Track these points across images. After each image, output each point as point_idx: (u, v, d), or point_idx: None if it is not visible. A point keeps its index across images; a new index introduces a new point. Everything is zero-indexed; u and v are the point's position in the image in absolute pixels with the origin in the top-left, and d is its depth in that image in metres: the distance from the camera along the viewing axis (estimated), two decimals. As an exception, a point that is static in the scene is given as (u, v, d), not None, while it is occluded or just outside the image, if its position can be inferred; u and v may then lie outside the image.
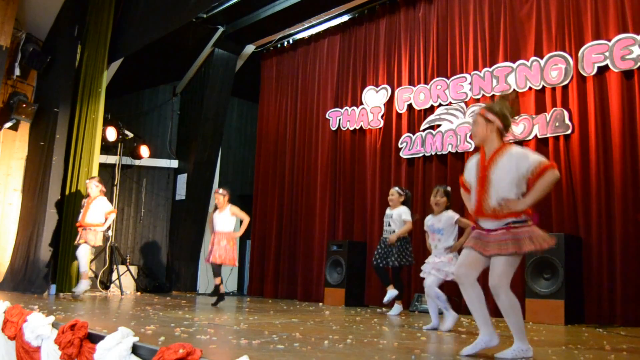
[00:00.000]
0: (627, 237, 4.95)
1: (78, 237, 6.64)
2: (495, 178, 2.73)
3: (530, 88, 5.85)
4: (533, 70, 5.82)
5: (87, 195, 6.89)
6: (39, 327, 3.22)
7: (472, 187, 2.87)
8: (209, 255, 6.13)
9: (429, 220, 4.40)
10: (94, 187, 6.75)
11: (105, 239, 8.11)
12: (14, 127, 8.20)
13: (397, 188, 5.65)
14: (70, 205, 7.46)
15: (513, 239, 2.64)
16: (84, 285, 6.43)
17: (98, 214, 6.64)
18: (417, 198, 6.67)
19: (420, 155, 6.76)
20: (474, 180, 2.85)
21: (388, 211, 5.63)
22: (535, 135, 5.71)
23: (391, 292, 5.34)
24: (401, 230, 5.41)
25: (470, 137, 2.89)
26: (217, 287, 6.19)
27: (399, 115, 7.14)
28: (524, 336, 2.64)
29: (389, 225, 5.55)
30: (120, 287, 7.67)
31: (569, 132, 5.49)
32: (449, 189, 4.44)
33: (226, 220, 6.22)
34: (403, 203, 5.56)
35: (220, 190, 6.31)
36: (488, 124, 2.79)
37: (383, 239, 5.59)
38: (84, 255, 6.55)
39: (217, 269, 6.14)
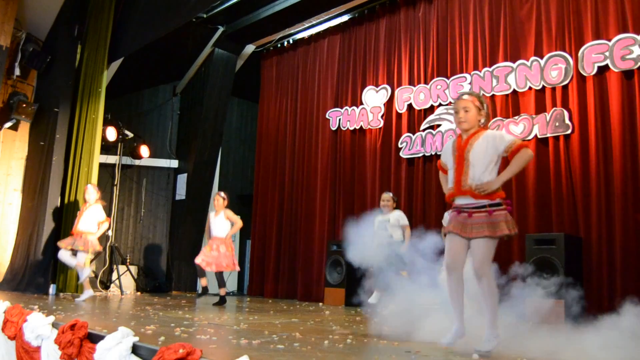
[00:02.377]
0: (627, 237, 4.95)
1: (72, 243, 6.38)
2: (473, 158, 2.90)
3: (530, 88, 5.85)
4: (533, 70, 5.82)
5: (84, 202, 6.75)
6: (39, 327, 3.22)
7: (450, 168, 3.05)
8: (202, 258, 6.07)
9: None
10: (92, 194, 6.57)
11: (106, 238, 8.12)
12: (14, 127, 8.20)
13: (390, 194, 5.66)
14: (70, 205, 7.46)
15: (489, 223, 2.79)
16: (86, 294, 6.29)
17: (91, 221, 6.47)
18: (417, 198, 6.68)
19: (420, 155, 6.77)
20: (452, 161, 3.03)
21: (381, 217, 5.57)
22: (535, 135, 5.72)
23: (377, 295, 5.30)
24: (407, 236, 5.37)
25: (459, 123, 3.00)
26: (205, 289, 6.26)
27: (399, 115, 7.14)
28: (496, 323, 2.76)
29: (386, 229, 5.49)
30: (120, 287, 7.67)
31: (569, 132, 5.49)
32: None
33: (222, 225, 6.24)
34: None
35: (222, 193, 6.35)
36: (479, 112, 2.98)
37: (383, 244, 5.46)
38: (81, 264, 6.40)
39: (201, 272, 6.15)
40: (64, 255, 6.40)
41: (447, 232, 3.00)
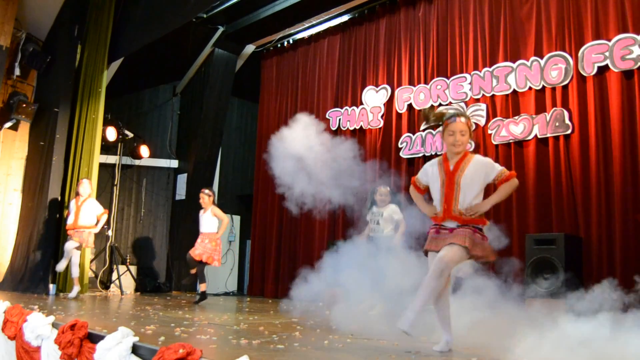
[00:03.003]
0: (627, 237, 4.94)
1: (69, 239, 6.57)
2: (464, 183, 2.94)
3: (530, 88, 5.85)
4: (533, 70, 5.82)
5: (76, 195, 6.84)
6: (39, 327, 3.22)
7: (435, 191, 3.06)
8: (199, 253, 6.23)
9: None
10: (87, 187, 6.73)
11: (106, 238, 8.13)
12: (14, 127, 8.20)
13: (388, 187, 5.64)
14: (70, 205, 7.46)
15: (470, 238, 2.84)
16: (76, 290, 6.49)
17: (90, 215, 6.61)
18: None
19: (420, 155, 6.77)
20: (438, 185, 3.03)
21: (375, 209, 5.56)
22: (535, 135, 5.71)
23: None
24: (402, 230, 5.36)
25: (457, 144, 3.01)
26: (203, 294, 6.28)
27: (399, 115, 7.14)
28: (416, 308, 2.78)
29: (378, 223, 5.47)
30: (120, 287, 7.67)
31: (569, 132, 5.49)
32: None
33: (209, 221, 6.36)
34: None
35: (206, 191, 6.44)
36: (470, 132, 3.03)
37: (372, 237, 5.42)
38: (75, 262, 6.56)
39: (192, 264, 6.25)
40: (70, 246, 6.53)
41: (427, 251, 3.03)
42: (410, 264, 4.36)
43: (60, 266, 6.66)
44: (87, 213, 6.62)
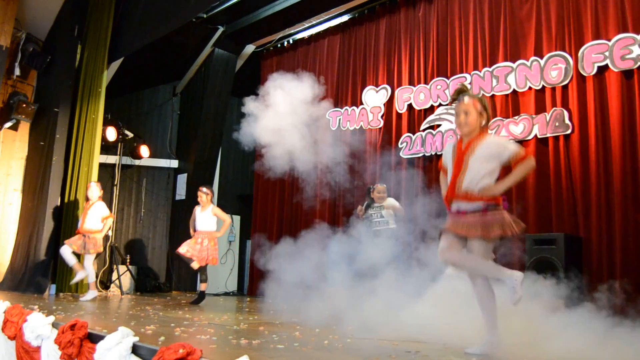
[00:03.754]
0: (627, 237, 4.94)
1: (79, 244, 6.48)
2: (473, 163, 2.87)
3: (530, 88, 5.85)
4: (533, 70, 5.82)
5: (87, 199, 6.83)
6: (39, 327, 3.22)
7: (449, 171, 3.02)
8: (187, 248, 6.13)
9: None
10: (95, 190, 6.67)
11: (106, 238, 8.12)
12: (14, 127, 8.20)
13: (384, 185, 5.74)
14: (70, 205, 7.46)
15: (482, 224, 2.77)
16: (91, 294, 6.40)
17: (96, 219, 6.58)
18: (418, 198, 6.66)
19: (420, 155, 6.77)
20: (451, 164, 3.00)
21: (376, 205, 5.71)
22: (535, 135, 5.72)
23: None
24: (403, 212, 5.52)
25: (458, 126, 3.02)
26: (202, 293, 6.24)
27: (399, 115, 7.14)
28: (494, 328, 2.75)
29: (382, 216, 5.57)
30: (120, 287, 7.67)
31: (568, 132, 5.50)
32: None
33: (207, 220, 6.30)
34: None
35: (204, 189, 6.39)
36: (480, 116, 2.93)
37: (376, 231, 5.52)
38: (89, 265, 6.51)
39: (188, 262, 6.23)
40: (66, 251, 6.44)
41: (443, 232, 2.99)
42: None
43: (78, 277, 6.49)
44: (93, 217, 6.56)
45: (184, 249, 6.12)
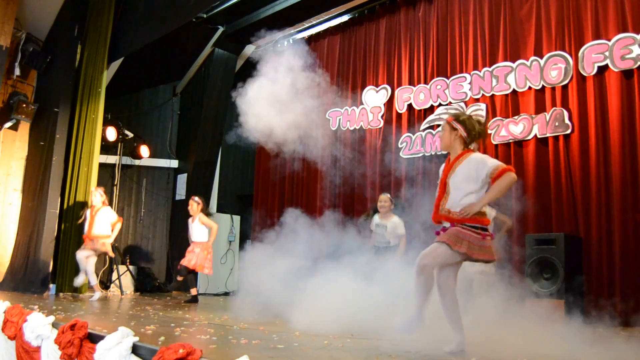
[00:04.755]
0: (627, 237, 4.95)
1: (83, 246, 6.63)
2: (453, 183, 2.90)
3: (530, 88, 5.85)
4: (533, 70, 5.82)
5: (90, 206, 6.87)
6: (39, 327, 3.22)
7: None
8: (189, 261, 6.33)
9: None
10: (98, 196, 6.76)
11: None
12: (14, 127, 8.20)
13: (388, 194, 5.61)
14: (70, 206, 7.46)
15: (455, 235, 2.79)
16: (97, 295, 6.52)
17: (104, 224, 6.65)
18: (418, 198, 6.67)
19: (420, 155, 6.77)
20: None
21: (378, 220, 5.51)
22: (535, 135, 5.72)
23: None
24: (402, 247, 5.31)
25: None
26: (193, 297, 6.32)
27: (399, 115, 7.14)
28: (458, 324, 2.80)
29: (384, 236, 5.42)
30: (120, 287, 7.67)
31: (568, 131, 5.50)
32: None
33: (198, 230, 6.45)
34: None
35: (196, 198, 6.50)
36: (452, 131, 2.98)
37: (377, 247, 5.41)
38: (91, 270, 6.59)
39: (183, 273, 6.33)
40: (81, 256, 6.56)
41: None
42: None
43: (78, 281, 6.68)
44: (101, 222, 6.64)
45: (190, 262, 6.30)
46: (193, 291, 6.33)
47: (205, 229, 6.42)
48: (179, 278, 6.41)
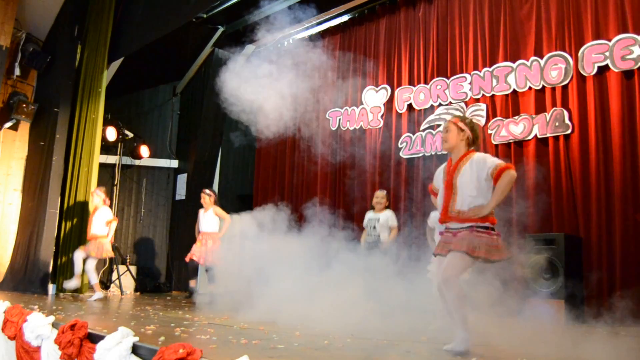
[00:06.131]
0: (627, 237, 4.94)
1: (90, 248, 6.68)
2: (460, 183, 2.93)
3: (530, 88, 5.85)
4: (533, 70, 5.82)
5: (93, 207, 6.94)
6: (39, 327, 3.22)
7: (439, 192, 3.08)
8: (191, 254, 6.30)
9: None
10: (96, 197, 6.85)
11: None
12: (14, 127, 8.20)
13: (384, 191, 5.64)
14: (71, 206, 7.46)
15: (471, 241, 2.79)
16: (97, 295, 6.52)
17: (101, 224, 6.70)
18: (417, 198, 6.67)
19: (420, 155, 6.77)
20: (442, 186, 3.05)
21: (372, 214, 5.54)
22: (535, 135, 5.72)
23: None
24: (392, 237, 5.34)
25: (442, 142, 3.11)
26: (191, 289, 6.37)
27: (399, 115, 7.14)
28: (466, 326, 2.75)
29: (374, 228, 5.45)
30: (120, 287, 7.67)
31: (569, 132, 5.50)
32: None
33: (210, 221, 6.42)
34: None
35: (207, 191, 6.50)
36: (460, 132, 3.00)
37: (368, 243, 5.43)
38: (91, 269, 6.63)
39: (193, 272, 6.37)
40: (77, 257, 6.61)
41: (435, 254, 3.04)
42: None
43: (70, 285, 6.71)
44: (98, 222, 6.71)
45: (195, 256, 6.27)
46: (192, 283, 6.31)
47: (216, 220, 6.44)
48: (192, 283, 6.35)
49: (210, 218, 6.42)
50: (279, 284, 4.47)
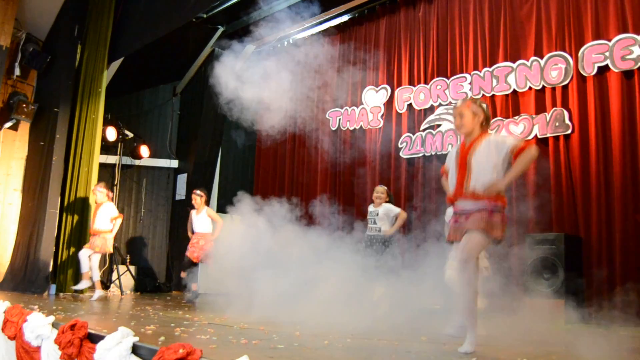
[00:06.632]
0: (627, 237, 4.95)
1: (88, 243, 6.72)
2: (476, 163, 2.92)
3: (530, 88, 5.85)
4: (533, 70, 5.82)
5: (96, 204, 6.96)
6: (39, 327, 3.22)
7: (452, 172, 3.08)
8: (191, 252, 6.34)
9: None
10: (99, 193, 6.87)
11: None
12: (14, 127, 8.20)
13: (384, 187, 5.65)
14: (70, 205, 7.46)
15: (487, 221, 2.80)
16: (97, 293, 6.54)
17: (105, 220, 6.71)
18: (417, 198, 6.68)
19: (420, 155, 6.77)
20: (454, 166, 3.05)
21: (372, 208, 5.59)
22: (535, 135, 5.72)
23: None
24: (400, 222, 5.38)
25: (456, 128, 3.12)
26: (184, 282, 6.39)
27: (399, 115, 7.14)
28: (475, 322, 2.73)
29: (374, 222, 5.49)
30: (120, 287, 7.66)
31: (569, 132, 5.50)
32: None
33: (203, 222, 6.44)
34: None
35: (198, 191, 6.50)
36: (475, 116, 3.00)
37: (369, 236, 5.46)
38: (95, 265, 6.65)
39: (187, 267, 6.35)
40: (83, 255, 6.63)
41: (450, 242, 3.04)
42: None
43: (81, 286, 6.72)
44: (102, 218, 6.74)
45: (193, 254, 6.30)
46: (194, 286, 6.33)
47: (209, 221, 6.45)
48: (183, 274, 6.40)
49: (203, 219, 6.45)
50: (278, 284, 4.47)
